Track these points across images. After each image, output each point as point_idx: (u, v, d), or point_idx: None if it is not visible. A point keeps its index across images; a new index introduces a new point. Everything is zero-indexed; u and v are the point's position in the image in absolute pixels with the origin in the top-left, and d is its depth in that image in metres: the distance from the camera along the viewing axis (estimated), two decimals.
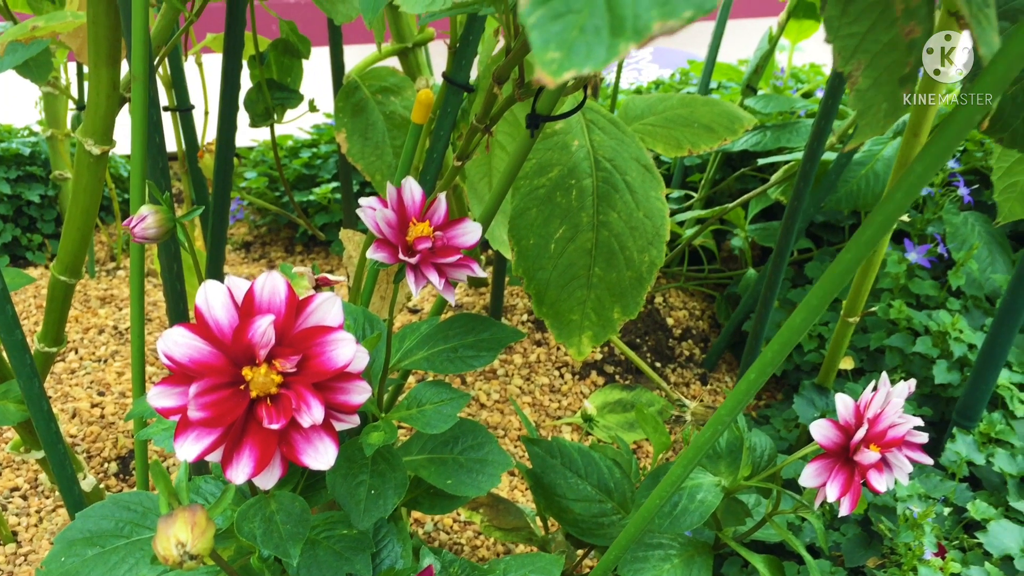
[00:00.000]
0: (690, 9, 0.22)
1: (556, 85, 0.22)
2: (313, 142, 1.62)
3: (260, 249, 1.54)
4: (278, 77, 0.94)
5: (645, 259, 0.67)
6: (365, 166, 1.04)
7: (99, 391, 1.09)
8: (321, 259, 1.50)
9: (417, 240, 0.48)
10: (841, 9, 0.33)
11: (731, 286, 1.30)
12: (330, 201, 1.50)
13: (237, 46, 0.78)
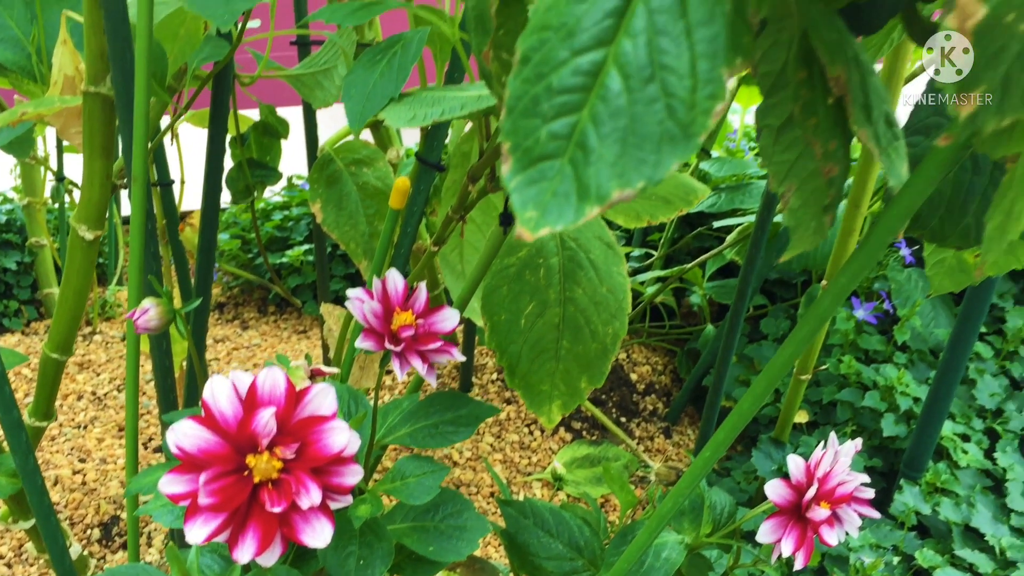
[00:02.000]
0: (643, 180, 0.27)
1: (533, 239, 0.27)
2: (285, 204, 1.66)
3: (233, 310, 1.57)
4: (258, 156, 0.98)
5: (609, 331, 0.72)
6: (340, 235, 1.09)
7: (80, 458, 1.12)
8: (294, 319, 1.54)
9: (401, 328, 0.52)
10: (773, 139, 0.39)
11: (691, 341, 1.35)
12: (302, 263, 1.53)
13: (221, 132, 0.83)
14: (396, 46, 0.53)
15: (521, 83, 0.28)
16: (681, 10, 0.27)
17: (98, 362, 1.34)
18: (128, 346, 0.65)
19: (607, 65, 0.27)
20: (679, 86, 0.27)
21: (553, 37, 0.27)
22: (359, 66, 0.53)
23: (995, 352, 1.19)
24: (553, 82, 0.27)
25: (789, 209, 0.39)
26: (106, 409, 1.23)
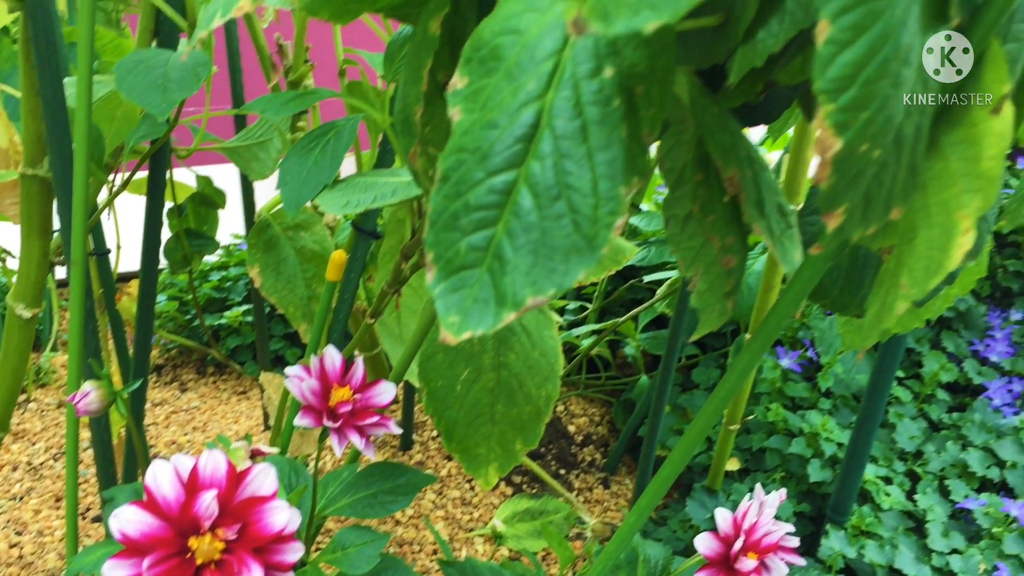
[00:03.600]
0: (554, 288, 0.30)
1: (456, 343, 0.30)
2: (223, 264, 1.67)
3: (172, 372, 1.56)
4: (195, 226, 1.00)
5: (542, 394, 0.74)
6: (278, 300, 1.10)
7: (16, 531, 1.10)
8: (234, 380, 1.53)
9: (339, 404, 0.54)
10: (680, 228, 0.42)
11: (627, 392, 1.38)
12: (241, 324, 1.54)
13: (158, 205, 0.84)
14: (329, 133, 0.56)
15: (442, 199, 0.31)
16: (583, 136, 0.30)
17: (33, 431, 1.33)
18: (68, 426, 0.65)
19: (519, 184, 0.30)
20: (583, 204, 0.30)
21: (470, 159, 0.30)
22: (294, 153, 0.56)
23: (914, 395, 1.25)
24: (471, 199, 0.30)
25: (697, 292, 0.42)
26: (42, 479, 1.21)
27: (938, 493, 1.07)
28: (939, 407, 1.23)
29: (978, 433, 1.15)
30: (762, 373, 1.19)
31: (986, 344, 1.32)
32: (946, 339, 1.33)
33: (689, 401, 1.27)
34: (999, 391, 1.23)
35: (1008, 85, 0.30)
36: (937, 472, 1.10)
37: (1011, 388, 1.24)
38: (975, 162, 0.31)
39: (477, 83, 0.31)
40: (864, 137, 0.27)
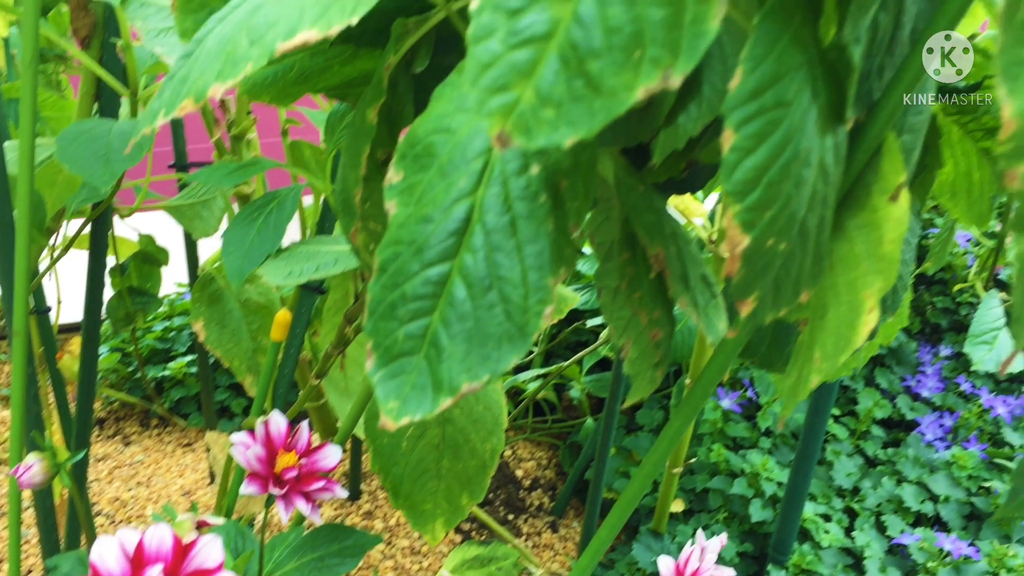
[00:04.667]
0: (488, 373, 0.31)
1: (396, 428, 0.31)
2: (167, 314, 1.65)
3: (114, 425, 1.54)
4: (138, 283, 1.00)
5: (487, 448, 0.76)
6: (223, 353, 1.10)
7: None
8: (179, 432, 1.52)
9: (284, 470, 0.55)
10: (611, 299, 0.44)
11: (573, 435, 1.40)
12: (186, 375, 1.53)
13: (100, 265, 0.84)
14: (272, 203, 0.57)
15: (380, 289, 0.32)
16: (512, 230, 0.31)
17: None
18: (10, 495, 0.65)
19: (453, 276, 0.31)
20: (514, 294, 0.31)
21: (406, 251, 0.32)
22: (237, 222, 0.57)
23: (850, 432, 1.28)
24: (407, 290, 0.32)
25: (628, 360, 0.44)
26: None
27: (875, 529, 1.10)
28: (874, 443, 1.27)
29: (912, 468, 1.18)
30: (704, 414, 1.22)
31: (917, 380, 1.36)
32: (879, 376, 1.37)
33: (634, 443, 1.29)
34: (931, 426, 1.27)
35: (903, 175, 0.33)
36: (874, 508, 1.13)
37: (942, 423, 1.28)
38: (877, 245, 0.34)
39: (412, 178, 0.33)
40: (770, 233, 0.29)
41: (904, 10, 0.32)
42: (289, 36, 0.33)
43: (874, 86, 0.33)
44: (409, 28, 0.41)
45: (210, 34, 0.35)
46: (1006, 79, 0.23)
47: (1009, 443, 1.25)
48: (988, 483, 1.16)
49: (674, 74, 0.25)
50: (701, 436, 1.23)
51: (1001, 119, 0.24)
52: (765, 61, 0.28)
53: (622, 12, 0.25)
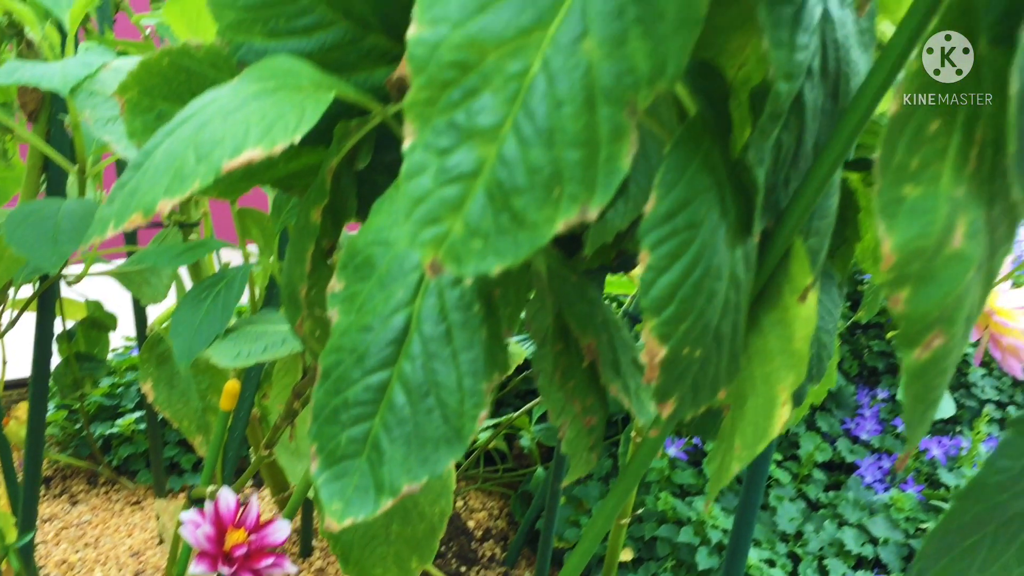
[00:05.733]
0: (427, 475, 0.33)
1: (339, 529, 0.33)
2: (114, 369, 1.64)
3: (61, 483, 1.52)
4: (85, 349, 1.00)
5: (436, 511, 0.77)
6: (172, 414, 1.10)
7: None
8: (127, 490, 1.50)
9: (234, 548, 0.56)
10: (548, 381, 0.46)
11: (524, 484, 1.42)
12: (134, 432, 1.51)
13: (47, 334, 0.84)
14: (220, 284, 0.59)
15: (324, 395, 0.34)
16: (448, 338, 0.33)
17: None
18: None
19: (393, 382, 0.33)
20: (451, 399, 0.33)
21: (348, 359, 0.34)
22: (186, 303, 0.58)
23: (792, 476, 1.32)
24: (349, 396, 0.33)
25: (565, 440, 0.46)
26: None
27: (818, 573, 1.13)
28: (816, 487, 1.30)
29: (852, 511, 1.22)
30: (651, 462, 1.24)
31: (856, 423, 1.40)
32: (820, 419, 1.41)
33: (584, 492, 1.31)
34: (870, 468, 1.31)
35: (810, 278, 0.36)
36: (816, 552, 1.16)
37: (881, 465, 1.32)
38: (789, 342, 0.36)
39: (353, 287, 0.35)
40: (685, 343, 0.31)
41: (805, 128, 0.35)
42: (235, 155, 0.34)
43: (781, 196, 0.36)
44: (351, 130, 0.43)
45: (159, 147, 0.37)
46: (884, 216, 0.26)
47: (945, 484, 1.29)
48: (925, 524, 1.19)
49: (591, 208, 0.28)
50: (649, 484, 1.25)
51: (882, 252, 0.26)
52: (676, 186, 0.31)
53: (542, 153, 0.27)
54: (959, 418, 1.49)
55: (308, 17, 0.41)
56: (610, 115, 0.27)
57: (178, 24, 0.59)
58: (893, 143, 0.26)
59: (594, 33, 0.27)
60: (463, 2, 0.27)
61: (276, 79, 0.37)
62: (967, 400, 1.49)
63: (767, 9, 0.31)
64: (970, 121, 0.27)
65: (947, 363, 0.28)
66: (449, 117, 0.27)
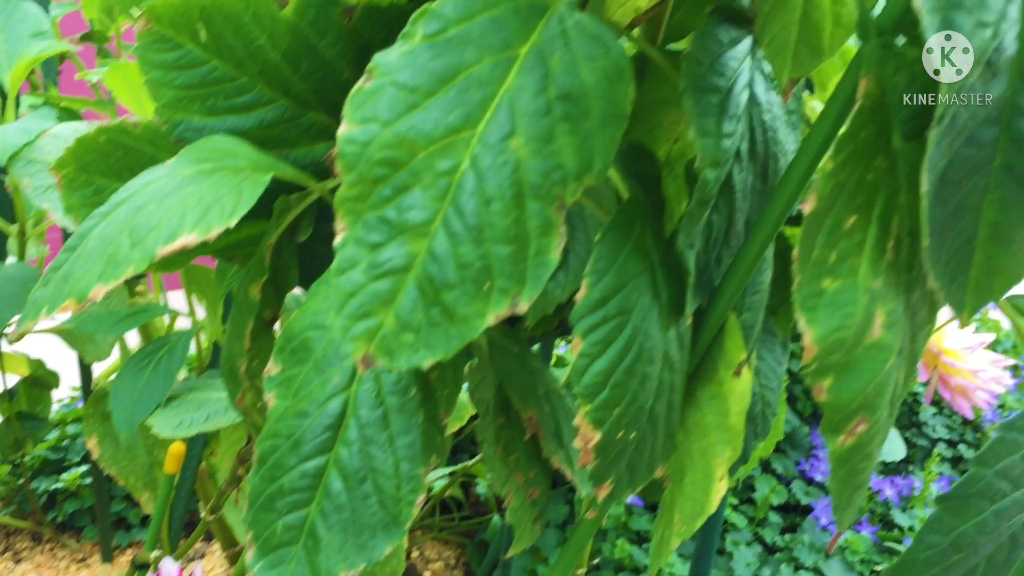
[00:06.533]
0: (364, 562, 0.33)
1: None
2: (60, 421, 1.60)
3: (4, 540, 1.48)
4: (27, 408, 0.98)
5: (387, 571, 0.76)
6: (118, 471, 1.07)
7: None
8: (73, 546, 1.46)
9: None
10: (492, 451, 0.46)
11: (480, 532, 1.40)
12: (80, 487, 1.48)
13: None
14: (162, 350, 0.58)
15: (260, 481, 0.34)
16: (385, 423, 0.33)
17: None
18: None
19: (329, 469, 0.33)
20: (387, 484, 0.33)
21: (284, 445, 0.34)
22: (126, 371, 0.57)
23: (748, 520, 1.32)
24: (285, 483, 0.33)
25: (510, 510, 0.46)
26: None
27: None
28: (772, 529, 1.31)
29: (808, 554, 1.22)
30: None
31: (811, 464, 1.41)
32: (775, 461, 1.42)
33: (541, 540, 1.30)
34: (824, 510, 1.32)
35: (744, 353, 0.36)
36: None
37: None
38: (725, 416, 0.37)
39: (289, 371, 0.35)
40: (619, 427, 0.32)
41: (736, 208, 0.36)
42: (170, 240, 0.34)
43: (714, 274, 0.36)
44: (291, 204, 0.43)
45: (93, 230, 0.37)
46: (804, 310, 0.27)
47: (898, 525, 1.31)
48: (879, 566, 1.21)
49: (521, 301, 0.28)
50: (605, 532, 1.25)
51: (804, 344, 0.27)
52: (608, 273, 0.31)
53: (472, 249, 0.27)
54: (911, 457, 1.51)
55: (247, 95, 0.41)
56: (539, 210, 0.28)
57: (120, 89, 0.59)
58: (811, 238, 0.27)
59: (522, 131, 0.28)
60: (393, 102, 0.27)
61: (213, 160, 0.37)
62: (918, 439, 1.51)
63: (693, 99, 0.32)
64: (886, 214, 0.28)
65: (871, 448, 0.29)
66: (380, 213, 0.28)
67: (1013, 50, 0.27)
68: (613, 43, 0.29)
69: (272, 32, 0.38)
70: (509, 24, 0.29)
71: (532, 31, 0.29)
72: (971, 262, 0.29)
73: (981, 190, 0.28)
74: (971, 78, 0.26)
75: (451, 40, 0.28)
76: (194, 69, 0.40)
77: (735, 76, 0.34)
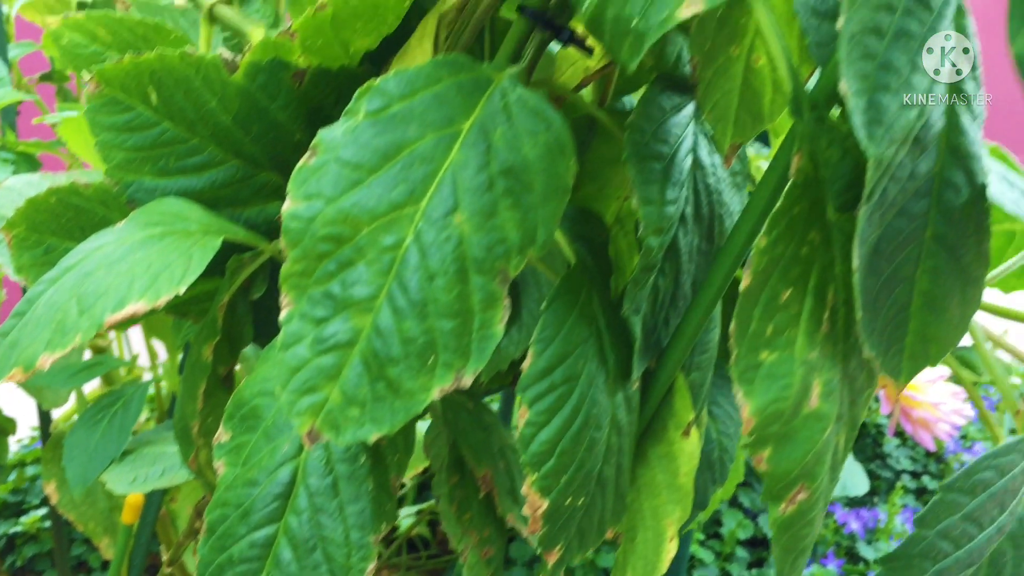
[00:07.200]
0: None
1: None
2: (19, 463, 1.58)
3: None
4: None
5: None
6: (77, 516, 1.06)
7: None
8: None
9: None
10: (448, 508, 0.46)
11: (447, 571, 1.40)
12: (39, 530, 1.45)
13: None
14: (117, 404, 0.58)
15: (209, 551, 0.33)
16: (335, 491, 0.33)
17: None
18: None
19: (278, 538, 0.33)
20: (337, 553, 0.33)
21: (233, 514, 0.33)
22: (80, 426, 0.57)
23: (716, 555, 1.32)
24: (235, 553, 0.33)
25: (467, 567, 0.46)
26: None
27: None
28: (739, 564, 1.31)
29: None
30: None
31: None
32: (742, 495, 1.43)
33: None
34: None
35: (692, 413, 0.37)
36: None
37: None
38: (675, 476, 0.37)
39: (239, 438, 0.35)
40: (567, 494, 0.32)
41: (682, 270, 0.36)
42: (118, 308, 0.34)
43: (662, 335, 0.37)
44: (244, 263, 0.43)
45: (42, 296, 0.37)
46: (742, 382, 0.27)
47: (864, 558, 1.31)
48: None
49: (466, 374, 0.28)
50: (572, 569, 1.25)
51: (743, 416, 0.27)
52: (554, 342, 0.31)
53: (416, 324, 0.28)
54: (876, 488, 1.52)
55: (198, 156, 0.41)
56: (482, 284, 0.28)
57: (74, 141, 0.59)
58: (748, 312, 0.27)
59: (465, 206, 0.28)
60: (336, 178, 0.28)
61: (163, 224, 0.37)
62: (883, 471, 1.53)
63: (636, 168, 0.32)
64: (821, 285, 0.28)
65: (813, 514, 0.30)
66: (325, 288, 0.28)
67: (940, 125, 0.28)
68: (555, 118, 0.30)
69: (223, 96, 0.39)
70: (452, 100, 0.29)
71: (475, 106, 0.29)
72: (906, 330, 0.29)
73: (914, 260, 0.29)
74: (899, 155, 0.27)
75: (394, 116, 0.28)
76: (145, 131, 0.40)
77: (678, 142, 0.35)
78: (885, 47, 0.25)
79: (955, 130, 0.28)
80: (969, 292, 0.30)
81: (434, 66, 0.29)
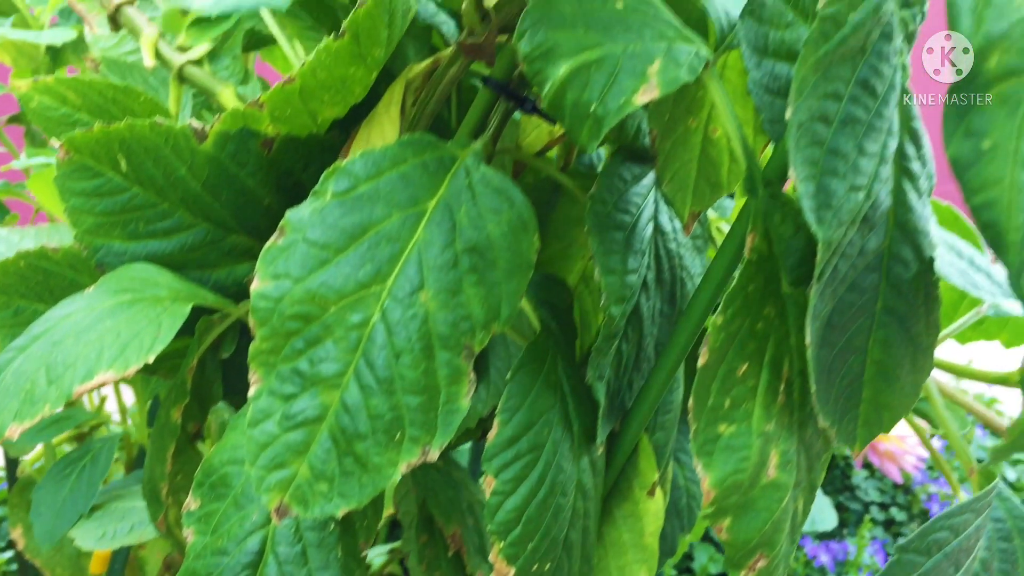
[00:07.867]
0: None
1: None
2: None
3: None
4: None
5: None
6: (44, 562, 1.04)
7: None
8: None
9: None
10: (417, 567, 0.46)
11: None
12: (5, 573, 1.43)
13: None
14: (85, 458, 0.57)
15: None
16: (304, 559, 0.34)
17: None
18: None
19: None
20: None
21: None
22: (48, 480, 0.56)
23: None
24: None
25: None
26: None
27: None
28: None
29: None
30: None
31: None
32: None
33: None
34: None
35: (656, 474, 0.37)
36: None
37: None
38: (640, 536, 0.38)
39: (208, 506, 0.35)
40: (534, 560, 0.32)
41: (644, 334, 0.37)
42: (87, 379, 0.34)
43: (626, 398, 0.38)
44: (213, 323, 0.43)
45: (9, 365, 0.37)
46: (702, 455, 0.28)
47: None
48: None
49: (432, 448, 0.29)
50: None
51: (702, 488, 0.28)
52: (519, 411, 0.32)
53: (383, 400, 0.28)
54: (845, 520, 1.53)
55: (168, 221, 0.41)
56: (447, 360, 0.29)
57: (43, 195, 0.59)
58: (706, 386, 0.28)
59: (430, 284, 0.29)
60: (304, 258, 0.28)
61: (133, 291, 0.38)
62: (851, 503, 1.54)
63: (598, 238, 0.33)
64: (777, 358, 0.29)
65: None
66: (293, 365, 0.28)
67: (888, 204, 0.29)
68: (517, 196, 0.30)
69: (192, 163, 0.39)
70: (417, 180, 0.30)
71: (439, 185, 0.30)
72: (860, 399, 0.30)
73: (865, 332, 0.30)
74: (848, 234, 0.28)
75: (361, 197, 0.29)
76: (115, 196, 0.41)
77: (640, 211, 0.36)
78: (832, 133, 0.26)
79: (903, 207, 0.30)
80: (920, 360, 0.31)
81: (400, 146, 0.30)
